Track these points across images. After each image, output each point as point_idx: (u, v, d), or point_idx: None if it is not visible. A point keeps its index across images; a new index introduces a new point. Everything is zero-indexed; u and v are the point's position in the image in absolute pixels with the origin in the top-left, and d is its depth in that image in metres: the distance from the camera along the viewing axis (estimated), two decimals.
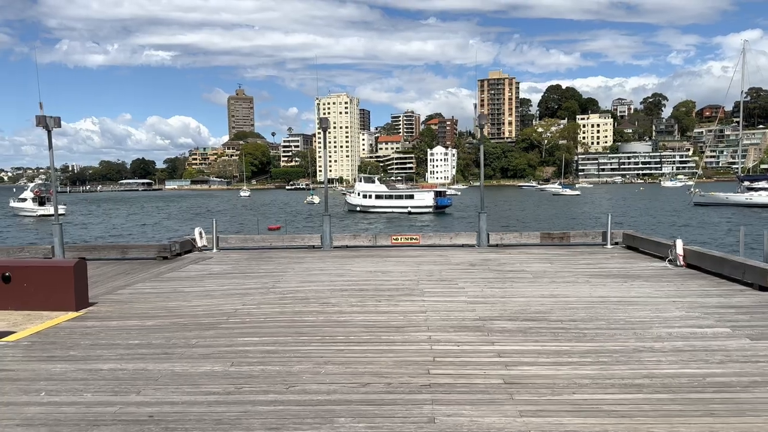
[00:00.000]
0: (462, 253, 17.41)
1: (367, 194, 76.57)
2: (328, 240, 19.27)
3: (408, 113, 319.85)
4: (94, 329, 9.46)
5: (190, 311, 10.58)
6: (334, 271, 14.63)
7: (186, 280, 13.99)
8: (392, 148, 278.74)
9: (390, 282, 12.95)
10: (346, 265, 15.70)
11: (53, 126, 17.31)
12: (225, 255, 18.25)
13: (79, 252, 17.68)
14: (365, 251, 18.43)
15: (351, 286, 12.53)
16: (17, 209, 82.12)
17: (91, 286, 13.48)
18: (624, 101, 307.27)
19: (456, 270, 14.39)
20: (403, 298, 11.23)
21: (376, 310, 10.23)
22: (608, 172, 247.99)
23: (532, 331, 8.74)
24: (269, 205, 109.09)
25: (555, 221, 58.04)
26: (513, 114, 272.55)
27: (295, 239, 19.98)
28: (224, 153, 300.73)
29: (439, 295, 11.40)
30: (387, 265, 15.36)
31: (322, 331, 8.92)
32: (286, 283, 13.10)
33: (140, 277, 14.64)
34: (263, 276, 14.16)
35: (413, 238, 19.03)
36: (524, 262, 15.52)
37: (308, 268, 15.34)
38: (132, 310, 10.87)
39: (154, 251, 17.50)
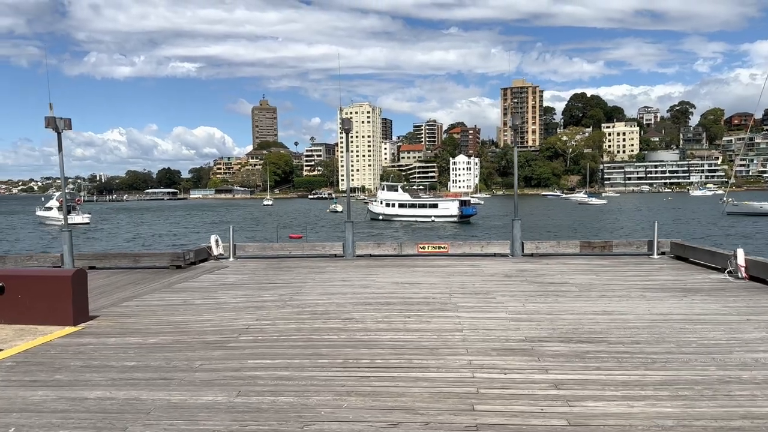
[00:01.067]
0: (495, 263, 16.12)
1: (390, 203, 75.32)
2: (351, 248, 18.13)
3: (430, 122, 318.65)
4: (89, 347, 8.41)
5: (197, 327, 9.49)
6: (357, 282, 13.46)
7: (198, 291, 12.94)
8: (414, 157, 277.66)
9: (419, 295, 11.73)
10: (370, 275, 14.53)
11: (63, 128, 16.49)
12: (242, 264, 17.20)
13: (89, 260, 16.79)
14: (390, 261, 17.24)
15: (376, 300, 11.34)
16: (43, 218, 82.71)
17: (96, 297, 12.53)
18: (650, 109, 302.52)
19: (491, 282, 13.12)
20: (435, 313, 10.00)
21: (405, 328, 9.02)
22: (635, 181, 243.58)
23: (590, 355, 7.45)
24: (292, 214, 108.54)
25: (585, 231, 56.21)
26: (537, 122, 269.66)
27: (315, 247, 18.88)
28: (248, 162, 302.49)
29: (475, 311, 10.14)
30: (415, 276, 14.15)
31: (344, 353, 7.74)
32: (305, 296, 11.96)
33: (150, 287, 13.63)
34: (281, 287, 13.05)
35: (441, 247, 17.79)
36: (566, 273, 14.18)
37: (329, 278, 14.20)
38: (135, 324, 9.82)
39: (167, 260, 16.52)
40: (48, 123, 16.20)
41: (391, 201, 75.57)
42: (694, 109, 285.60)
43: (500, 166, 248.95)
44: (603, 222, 70.37)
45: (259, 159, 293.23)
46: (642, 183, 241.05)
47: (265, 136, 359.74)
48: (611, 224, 66.42)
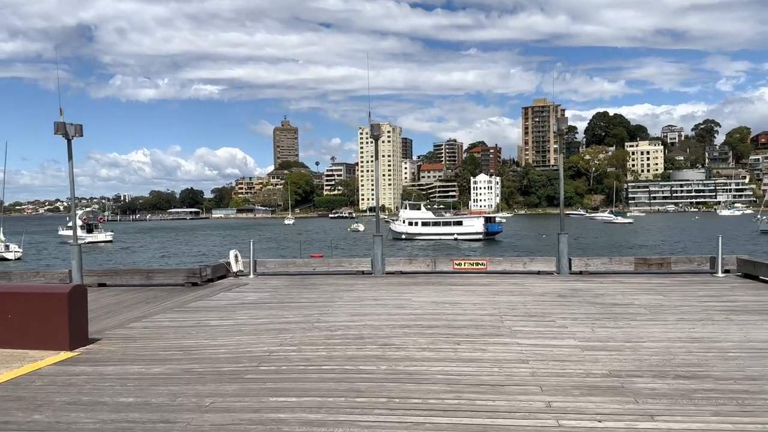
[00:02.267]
0: (542, 282, 14.56)
1: (412, 221, 73.80)
2: (380, 265, 16.69)
3: (450, 141, 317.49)
4: (82, 378, 7.06)
5: (211, 353, 8.10)
6: (391, 302, 12.00)
7: (214, 310, 11.59)
8: (435, 177, 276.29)
9: (464, 317, 10.23)
10: (405, 293, 13.06)
11: (74, 134, 15.40)
12: (262, 281, 15.86)
13: (99, 277, 15.58)
14: (423, 278, 15.76)
15: (415, 321, 9.87)
16: (66, 237, 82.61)
17: (101, 317, 11.26)
18: (674, 128, 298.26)
19: (544, 302, 11.56)
20: (489, 339, 8.49)
21: (457, 357, 7.53)
22: (660, 200, 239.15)
23: (698, 395, 5.90)
24: (313, 233, 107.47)
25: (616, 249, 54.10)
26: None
27: (342, 263, 17.48)
28: (269, 182, 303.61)
29: (536, 337, 8.61)
30: (454, 295, 12.65)
31: (388, 389, 6.27)
32: (333, 317, 10.53)
33: (161, 306, 12.31)
34: (306, 306, 11.64)
35: (479, 264, 16.28)
36: (626, 293, 12.56)
37: (359, 297, 12.77)
38: (140, 350, 8.47)
39: (182, 276, 15.24)
40: (57, 129, 15.12)
41: (413, 219, 74.05)
42: (719, 127, 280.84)
43: (522, 185, 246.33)
44: (633, 240, 68.05)
45: (280, 179, 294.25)
46: (667, 202, 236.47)
47: (286, 156, 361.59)
48: (642, 243, 64.15)
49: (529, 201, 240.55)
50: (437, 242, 67.00)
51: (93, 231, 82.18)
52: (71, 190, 15.68)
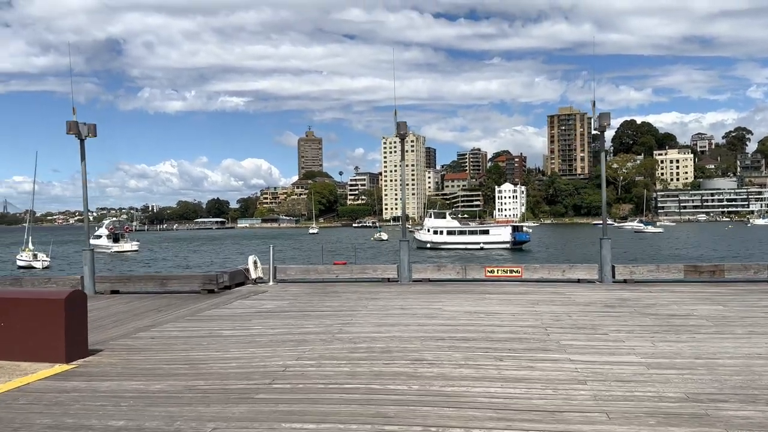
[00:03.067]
0: (584, 290, 13.41)
1: (438, 230, 72.51)
2: (407, 272, 15.70)
3: (474, 150, 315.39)
4: (72, 396, 6.19)
5: (220, 368, 7.19)
6: (420, 311, 10.99)
7: (228, 319, 10.71)
8: (458, 186, 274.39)
9: (503, 328, 9.18)
10: (435, 302, 12.04)
11: (87, 134, 14.76)
12: (282, 288, 14.97)
13: (112, 283, 14.86)
14: (453, 286, 14.73)
15: (449, 333, 8.85)
16: (93, 246, 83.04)
17: (108, 326, 10.47)
18: (704, 136, 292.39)
19: (591, 313, 10.44)
20: (536, 354, 7.43)
21: (500, 375, 6.50)
22: (690, 209, 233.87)
23: None
24: (337, 242, 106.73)
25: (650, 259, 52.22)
26: (585, 150, 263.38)
27: (366, 270, 16.51)
28: (293, 192, 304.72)
29: (590, 352, 7.52)
30: (489, 305, 11.59)
31: (422, 415, 5.27)
32: (357, 327, 9.56)
33: (174, 314, 11.48)
34: (327, 315, 10.69)
35: (514, 271, 15.18)
36: (681, 303, 11.37)
37: (385, 306, 11.78)
38: (142, 363, 7.60)
39: (198, 283, 14.44)
40: (70, 128, 14.49)
41: (439, 228, 72.77)
42: (751, 135, 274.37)
43: (548, 194, 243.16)
44: (667, 250, 65.89)
45: (304, 189, 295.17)
46: (698, 212, 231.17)
47: (310, 166, 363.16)
48: (678, 252, 62.03)
49: (555, 210, 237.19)
50: (463, 251, 65.66)
51: (119, 240, 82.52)
52: (84, 192, 15.03)
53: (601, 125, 14.65)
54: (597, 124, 14.78)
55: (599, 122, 14.68)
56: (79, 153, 14.84)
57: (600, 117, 14.64)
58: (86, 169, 14.89)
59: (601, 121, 14.63)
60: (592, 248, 68.99)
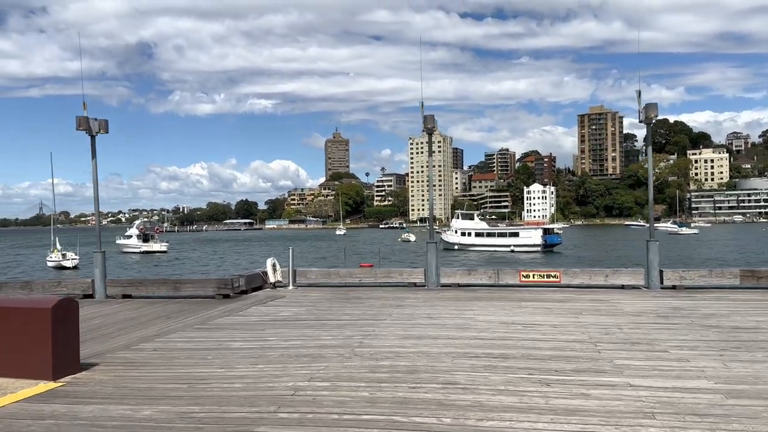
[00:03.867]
0: (631, 298, 12.21)
1: (465, 231, 71.14)
2: (435, 276, 14.66)
3: (502, 151, 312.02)
4: (46, 424, 5.33)
5: (221, 389, 6.26)
6: (449, 321, 9.95)
7: (240, 329, 9.82)
8: (486, 186, 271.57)
9: (546, 343, 8.09)
10: (466, 311, 10.98)
11: (98, 130, 14.06)
12: (302, 293, 14.07)
13: (124, 287, 14.12)
14: (485, 292, 13.64)
15: (483, 349, 7.79)
16: (123, 246, 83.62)
17: (113, 334, 9.68)
18: (740, 135, 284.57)
19: (643, 325, 9.27)
20: (588, 377, 6.34)
21: (548, 406, 5.43)
22: (725, 210, 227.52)
23: None
24: (363, 243, 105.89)
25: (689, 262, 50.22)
26: (617, 150, 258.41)
27: (391, 274, 15.50)
28: (320, 193, 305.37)
29: (652, 374, 6.40)
30: (527, 314, 10.49)
31: None
32: (380, 340, 8.57)
33: (182, 322, 10.64)
34: (347, 325, 9.72)
35: (552, 276, 14.02)
36: (742, 313, 10.12)
37: (411, 314, 10.76)
38: (137, 381, 6.73)
39: (212, 287, 13.61)
40: (80, 124, 13.79)
41: (466, 230, 71.38)
42: None
43: (578, 194, 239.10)
44: (707, 253, 63.48)
45: (331, 190, 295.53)
46: (734, 212, 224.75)
47: (337, 167, 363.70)
48: (713, 255, 59.68)
49: (586, 211, 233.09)
50: (492, 254, 64.21)
51: (149, 241, 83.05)
52: (95, 191, 14.32)
53: (647, 116, 13.41)
54: (643, 115, 13.54)
55: (645, 113, 13.44)
56: (90, 150, 14.15)
57: (646, 108, 13.41)
58: (96, 166, 14.19)
59: (648, 112, 13.39)
60: (627, 250, 66.80)
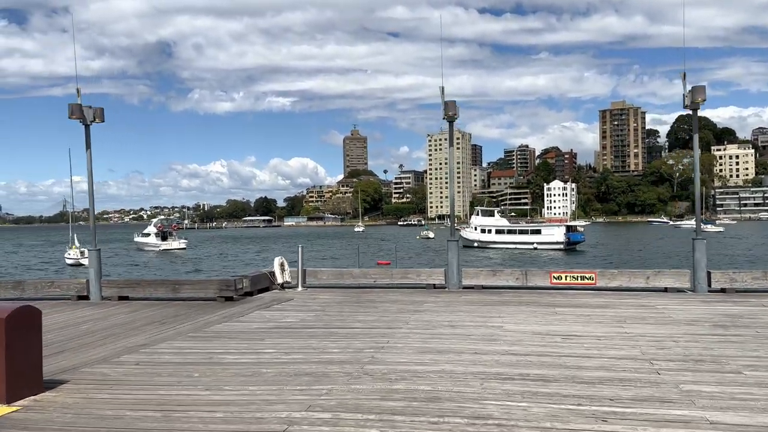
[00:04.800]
0: (678, 303, 10.87)
1: (485, 228, 69.54)
2: (456, 277, 13.44)
3: (522, 147, 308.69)
4: None
5: (199, 419, 5.13)
6: (475, 330, 8.72)
7: (237, 338, 8.70)
8: (505, 183, 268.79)
9: (591, 361, 6.83)
10: (492, 317, 9.75)
11: (93, 119, 13.05)
12: (311, 295, 12.93)
13: (120, 288, 13.10)
14: (512, 295, 12.38)
15: (518, 368, 6.56)
16: (141, 244, 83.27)
17: (96, 342, 8.64)
18: (765, 130, 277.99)
19: (701, 337, 7.96)
20: (653, 409, 5.07)
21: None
22: (751, 207, 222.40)
23: None
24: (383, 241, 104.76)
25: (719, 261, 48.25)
26: (639, 146, 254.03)
27: (408, 275, 14.29)
28: (339, 191, 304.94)
29: (732, 405, 5.10)
30: (564, 322, 9.23)
31: None
32: (394, 354, 7.38)
33: (175, 329, 9.56)
34: (358, 336, 8.55)
35: (586, 277, 12.70)
36: None
37: (430, 322, 9.56)
38: (104, 405, 5.62)
39: (213, 289, 12.53)
40: (73, 112, 12.77)
41: (486, 227, 69.79)
42: None
43: (599, 191, 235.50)
44: (738, 251, 61.23)
45: (349, 187, 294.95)
46: (760, 209, 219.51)
47: (355, 165, 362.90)
48: (744, 253, 57.52)
49: (608, 208, 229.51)
50: (512, 252, 62.66)
51: (167, 238, 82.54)
52: (89, 184, 13.31)
53: (694, 101, 12.04)
54: (689, 99, 12.17)
55: (692, 97, 12.07)
56: (84, 140, 13.14)
57: (693, 92, 12.03)
58: (91, 157, 13.17)
59: (695, 95, 12.01)
60: (656, 248, 64.78)
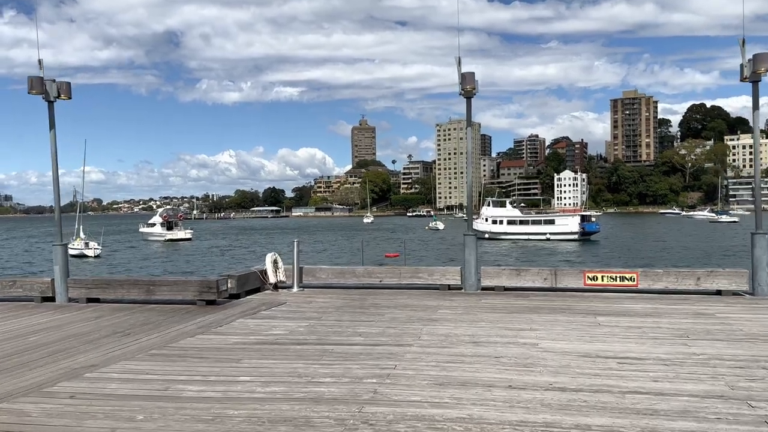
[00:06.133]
0: (740, 311, 9.09)
1: (497, 219, 67.65)
2: (474, 277, 11.70)
3: (532, 137, 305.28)
4: None
5: None
6: (505, 351, 6.98)
7: (208, 358, 7.01)
8: (515, 174, 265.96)
9: (667, 402, 5.07)
10: (523, 331, 8.01)
11: (56, 95, 11.36)
12: (307, 298, 11.24)
13: (89, 289, 11.44)
14: (541, 298, 10.64)
15: (571, 415, 4.83)
16: (146, 234, 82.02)
17: (33, 364, 7.00)
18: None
19: None
20: None
21: None
22: (766, 197, 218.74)
23: None
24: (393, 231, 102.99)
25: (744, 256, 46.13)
26: (651, 135, 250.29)
27: (419, 274, 12.51)
28: (347, 181, 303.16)
29: None
30: (612, 337, 7.47)
31: None
32: (402, 387, 5.66)
33: (139, 343, 7.89)
34: (358, 355, 6.84)
35: (626, 278, 10.92)
36: None
37: (448, 336, 7.84)
38: None
39: (193, 291, 10.83)
40: (33, 86, 11.05)
41: (498, 217, 67.89)
42: None
43: (610, 182, 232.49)
44: None
45: (358, 177, 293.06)
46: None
47: (363, 155, 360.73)
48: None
49: (619, 199, 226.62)
50: (525, 243, 60.80)
51: (173, 228, 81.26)
52: (54, 169, 11.64)
53: (755, 70, 10.19)
54: (749, 70, 10.33)
55: (753, 66, 10.22)
56: (48, 119, 11.47)
57: (755, 59, 10.18)
58: (55, 137, 11.50)
59: (757, 65, 10.16)
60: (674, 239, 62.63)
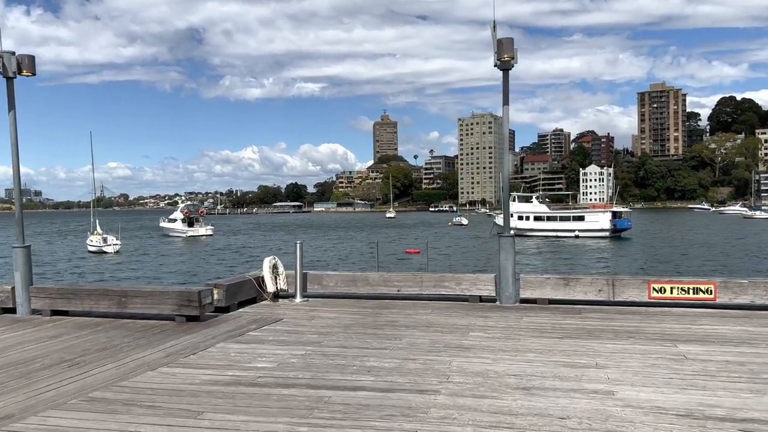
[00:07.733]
0: None
1: (523, 215, 65.09)
2: (511, 287, 9.69)
3: (557, 131, 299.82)
4: None
5: None
6: (569, 404, 4.98)
7: (160, 408, 5.15)
8: (539, 168, 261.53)
9: None
10: (588, 370, 6.00)
11: (16, 69, 9.61)
12: (309, 313, 9.35)
13: (53, 300, 9.66)
14: (597, 316, 8.60)
15: None
16: (167, 230, 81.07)
17: None
18: None
19: None
20: None
21: None
22: None
23: None
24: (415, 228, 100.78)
25: None
26: (680, 129, 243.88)
27: (444, 282, 10.48)
28: (368, 176, 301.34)
29: None
30: (711, 379, 5.44)
31: None
32: None
33: (84, 380, 6.06)
34: (362, 410, 4.90)
35: (701, 290, 8.82)
36: None
37: (486, 377, 5.86)
38: None
39: (171, 303, 8.97)
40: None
41: (524, 213, 65.32)
42: None
43: (637, 176, 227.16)
44: None
45: (379, 173, 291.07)
46: None
47: (385, 150, 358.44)
48: None
49: (646, 194, 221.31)
50: (553, 240, 58.30)
51: (194, 224, 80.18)
52: (14, 155, 9.89)
53: None
54: None
55: None
56: (6, 97, 9.72)
57: None
58: (15, 117, 9.76)
59: None
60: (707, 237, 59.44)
